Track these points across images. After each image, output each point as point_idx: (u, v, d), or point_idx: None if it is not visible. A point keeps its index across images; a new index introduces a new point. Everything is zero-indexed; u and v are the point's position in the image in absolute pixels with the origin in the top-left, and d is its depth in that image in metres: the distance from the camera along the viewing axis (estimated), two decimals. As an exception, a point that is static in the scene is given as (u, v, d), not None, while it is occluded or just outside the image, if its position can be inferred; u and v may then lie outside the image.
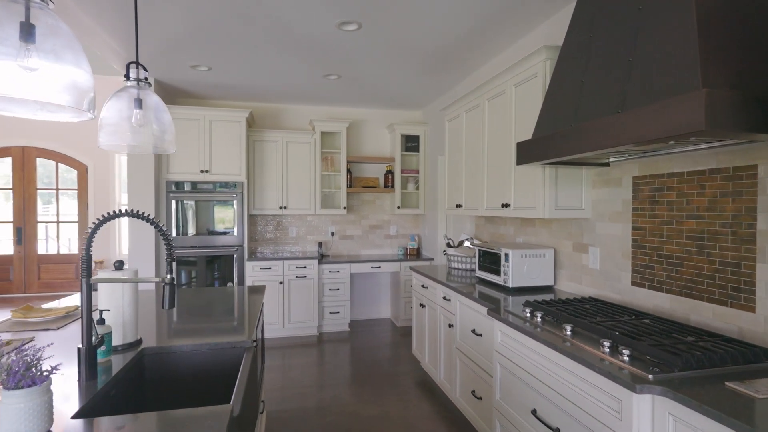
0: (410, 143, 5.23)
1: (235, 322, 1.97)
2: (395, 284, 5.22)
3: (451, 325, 2.93)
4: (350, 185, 5.18)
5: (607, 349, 1.54)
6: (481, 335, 2.49)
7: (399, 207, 5.15)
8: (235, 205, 4.50)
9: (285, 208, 4.88)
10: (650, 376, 1.32)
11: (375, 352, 4.19)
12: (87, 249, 1.32)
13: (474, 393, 2.57)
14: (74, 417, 1.10)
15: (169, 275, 1.33)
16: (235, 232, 4.50)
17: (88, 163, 6.84)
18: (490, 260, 2.89)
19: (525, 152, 2.16)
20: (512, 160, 2.71)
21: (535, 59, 2.43)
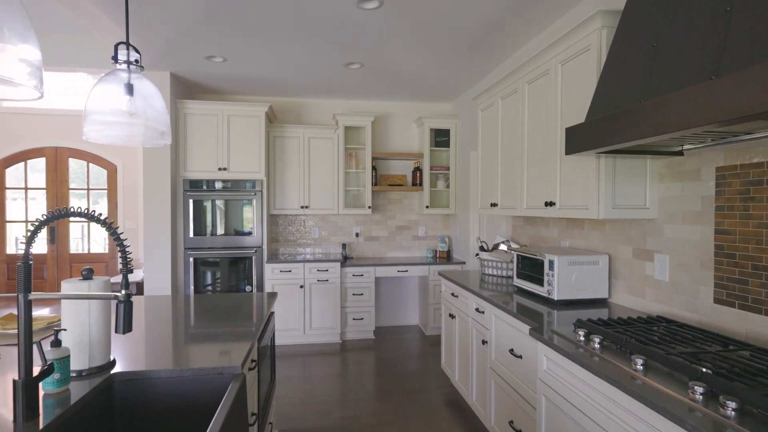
0: (440, 138, 4.85)
1: (227, 342, 1.69)
2: (423, 289, 4.86)
3: (485, 342, 2.56)
4: (376, 183, 4.86)
5: (699, 396, 1.15)
6: (520, 357, 2.10)
7: (428, 206, 4.78)
8: (254, 204, 4.27)
9: (306, 207, 4.62)
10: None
11: (401, 364, 3.86)
12: (25, 257, 1.06)
13: (512, 425, 2.19)
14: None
15: (124, 291, 1.05)
16: (254, 232, 4.28)
17: (117, 162, 6.87)
18: (531, 267, 2.50)
19: (577, 139, 1.77)
20: (558, 151, 2.32)
21: (589, 27, 2.03)
